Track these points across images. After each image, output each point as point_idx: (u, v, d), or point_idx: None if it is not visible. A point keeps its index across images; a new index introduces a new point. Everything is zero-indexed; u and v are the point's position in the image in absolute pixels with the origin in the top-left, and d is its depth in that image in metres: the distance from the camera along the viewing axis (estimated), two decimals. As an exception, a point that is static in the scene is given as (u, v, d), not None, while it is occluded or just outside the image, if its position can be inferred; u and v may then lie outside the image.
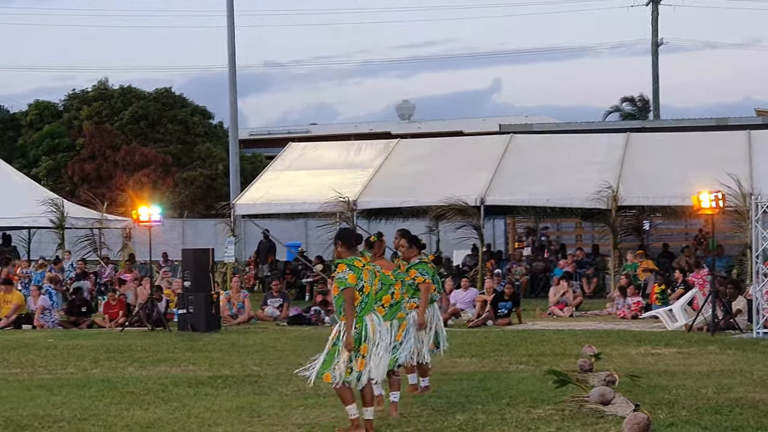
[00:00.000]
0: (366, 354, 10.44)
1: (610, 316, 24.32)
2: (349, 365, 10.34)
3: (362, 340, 10.43)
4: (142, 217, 23.95)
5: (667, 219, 34.72)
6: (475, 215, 29.58)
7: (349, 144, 36.98)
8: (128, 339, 20.92)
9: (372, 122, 77.06)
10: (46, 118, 59.65)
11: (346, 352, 10.33)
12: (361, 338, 10.43)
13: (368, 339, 10.47)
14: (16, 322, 24.20)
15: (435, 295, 12.97)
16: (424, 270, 12.68)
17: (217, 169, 56.01)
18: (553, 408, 11.77)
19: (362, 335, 10.44)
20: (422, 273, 12.64)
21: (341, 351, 10.37)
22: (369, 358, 10.45)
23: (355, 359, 10.38)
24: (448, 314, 23.03)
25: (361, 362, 10.41)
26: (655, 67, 55.61)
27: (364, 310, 10.49)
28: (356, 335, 10.42)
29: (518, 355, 17.01)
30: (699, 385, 13.33)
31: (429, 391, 12.82)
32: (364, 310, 10.49)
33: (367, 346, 10.44)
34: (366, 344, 10.44)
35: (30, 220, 33.31)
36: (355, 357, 10.39)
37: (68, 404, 12.71)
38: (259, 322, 24.49)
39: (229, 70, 40.62)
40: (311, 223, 38.92)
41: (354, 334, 10.38)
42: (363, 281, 10.48)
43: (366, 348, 10.43)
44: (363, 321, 10.47)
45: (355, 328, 10.40)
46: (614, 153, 31.17)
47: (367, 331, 10.47)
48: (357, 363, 10.39)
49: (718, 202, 21.19)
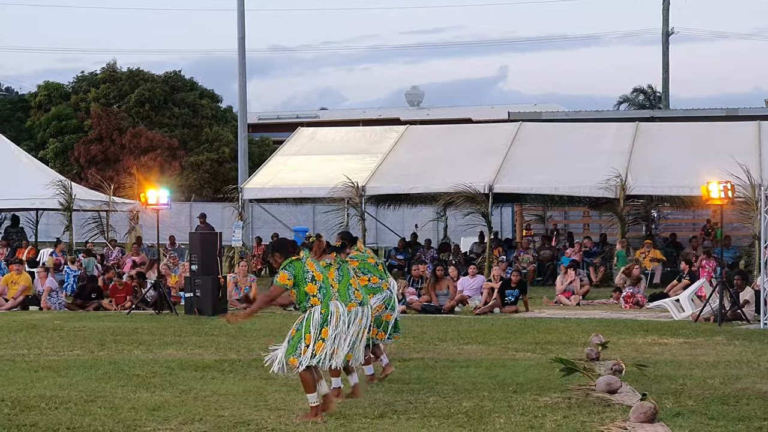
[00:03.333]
0: (326, 338, 10.60)
1: (617, 305, 24.29)
2: (309, 348, 10.55)
3: (325, 323, 10.60)
4: (150, 200, 23.97)
5: (675, 209, 34.66)
6: (484, 202, 29.55)
7: (358, 130, 36.97)
8: (135, 322, 20.93)
9: (381, 108, 77.05)
10: (55, 99, 59.66)
11: (309, 337, 10.55)
12: (325, 322, 10.60)
13: (329, 324, 10.62)
14: (23, 304, 24.25)
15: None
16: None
17: (223, 153, 55.98)
18: (559, 396, 11.77)
19: (326, 320, 10.61)
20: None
21: (304, 336, 10.57)
22: (328, 343, 10.61)
23: (315, 342, 10.56)
24: (455, 301, 23.05)
25: (320, 345, 10.57)
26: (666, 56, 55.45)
27: (327, 296, 10.69)
28: (321, 319, 10.60)
29: (525, 343, 17.00)
30: (706, 375, 13.31)
31: (374, 381, 12.83)
32: (326, 296, 10.69)
33: (328, 331, 10.60)
34: (327, 328, 10.60)
35: (38, 201, 33.31)
36: (316, 340, 10.57)
37: (75, 386, 12.72)
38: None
39: (239, 53, 40.53)
40: (319, 209, 38.90)
41: (319, 318, 10.60)
42: (310, 271, 10.71)
43: (326, 332, 10.60)
44: (328, 307, 10.66)
45: (320, 312, 10.61)
46: (623, 142, 31.13)
47: (331, 316, 10.63)
48: (316, 346, 10.57)
49: (727, 193, 21.14)
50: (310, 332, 10.60)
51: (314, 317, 10.61)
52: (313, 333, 10.59)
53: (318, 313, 10.62)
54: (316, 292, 10.67)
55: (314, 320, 10.60)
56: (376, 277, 13.20)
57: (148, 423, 10.50)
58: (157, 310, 22.75)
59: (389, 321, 13.20)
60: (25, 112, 60.82)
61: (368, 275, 13.06)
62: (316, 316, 10.61)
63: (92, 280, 25.17)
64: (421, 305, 22.87)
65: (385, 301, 13.15)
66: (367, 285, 12.79)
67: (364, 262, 13.18)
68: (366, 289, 12.59)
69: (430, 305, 22.88)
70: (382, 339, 13.15)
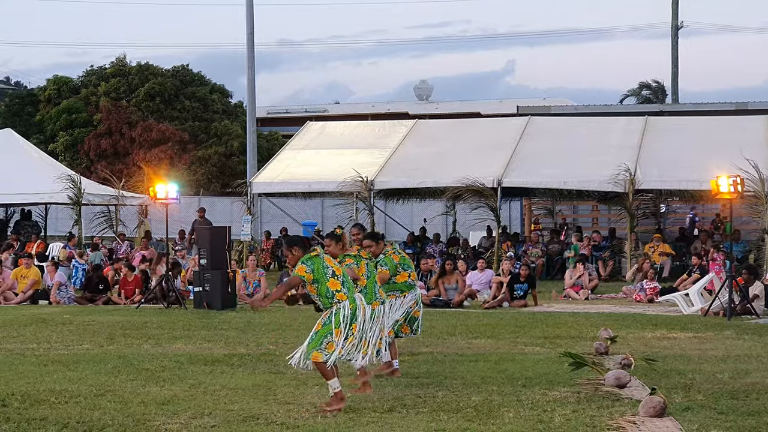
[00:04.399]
0: (355, 332, 10.65)
1: (626, 300, 24.27)
2: (338, 344, 10.56)
3: (354, 319, 10.65)
4: (159, 195, 24.01)
5: (684, 203, 34.61)
6: (492, 197, 29.52)
7: (366, 124, 36.94)
8: (144, 316, 20.97)
9: (390, 102, 77.01)
10: (65, 93, 59.72)
11: (338, 332, 10.56)
12: (354, 317, 10.65)
13: (357, 320, 10.67)
14: (32, 298, 24.30)
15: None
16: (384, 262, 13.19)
17: (233, 146, 56.01)
18: (568, 390, 11.76)
19: (355, 314, 10.67)
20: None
21: (333, 331, 10.58)
22: (356, 338, 10.66)
23: (345, 338, 10.59)
24: (464, 295, 23.06)
25: (350, 340, 10.64)
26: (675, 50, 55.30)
27: (351, 290, 10.75)
28: (351, 314, 10.64)
29: (534, 337, 16.99)
30: (715, 369, 13.29)
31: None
32: (350, 289, 10.75)
33: (356, 326, 10.66)
34: (355, 324, 10.66)
35: (47, 196, 33.39)
36: (346, 336, 10.60)
37: (84, 380, 12.74)
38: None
39: (248, 48, 40.55)
40: (327, 203, 38.92)
41: (348, 314, 10.62)
42: (330, 267, 10.73)
43: (355, 327, 10.66)
44: (355, 301, 10.70)
45: (349, 308, 10.63)
46: (632, 136, 31.10)
47: (358, 311, 10.69)
48: (346, 342, 10.61)
49: (737, 187, 21.09)
50: (339, 327, 10.60)
51: (344, 313, 10.61)
52: (343, 328, 10.59)
53: (347, 308, 10.61)
54: (339, 287, 10.68)
55: (344, 315, 10.60)
56: (414, 273, 13.42)
57: (157, 417, 10.51)
58: (167, 304, 22.79)
59: (417, 317, 13.36)
60: (35, 107, 60.88)
61: (408, 271, 13.22)
62: (345, 311, 10.61)
63: (97, 269, 25.20)
64: (430, 299, 22.86)
65: (416, 299, 13.35)
66: (407, 281, 13.12)
67: (403, 259, 13.32)
68: (405, 285, 12.90)
69: (438, 299, 22.88)
70: (406, 333, 13.31)
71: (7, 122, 54.24)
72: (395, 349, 13.10)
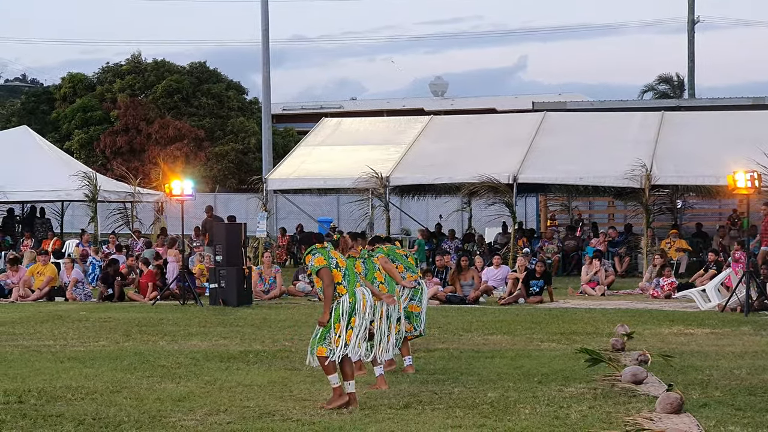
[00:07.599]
0: (354, 326, 10.66)
1: (643, 296, 24.20)
2: (340, 338, 10.59)
3: (353, 312, 10.67)
4: (175, 191, 24.03)
5: (701, 198, 34.47)
6: (508, 193, 29.43)
7: (382, 120, 36.91)
8: (160, 313, 21.00)
9: (405, 98, 77.01)
10: (80, 91, 59.87)
11: (339, 327, 10.58)
12: (354, 311, 10.67)
13: (357, 313, 10.68)
14: (49, 295, 24.36)
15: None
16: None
17: (249, 143, 56.06)
18: (585, 386, 11.74)
19: (354, 308, 10.67)
20: None
21: (333, 326, 10.60)
22: (356, 331, 10.67)
23: (345, 332, 10.61)
24: (479, 291, 23.03)
25: (350, 334, 10.64)
26: (691, 44, 55.03)
27: (352, 283, 10.74)
28: (350, 308, 10.64)
29: (550, 333, 16.96)
30: (732, 365, 13.24)
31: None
32: (351, 282, 10.73)
33: (356, 320, 10.68)
34: (355, 317, 10.68)
35: (63, 193, 33.47)
36: (346, 330, 10.62)
37: (100, 377, 12.77)
38: (290, 297, 24.53)
39: (263, 45, 40.58)
40: (343, 199, 38.91)
41: (348, 308, 10.62)
42: (334, 258, 10.74)
43: (354, 321, 10.67)
44: (355, 295, 10.70)
45: (348, 302, 10.64)
46: (648, 132, 30.96)
47: (358, 304, 10.70)
48: (347, 336, 10.61)
49: (754, 182, 20.99)
50: (339, 322, 10.60)
51: (343, 307, 10.62)
52: (343, 323, 10.60)
53: (346, 302, 10.63)
54: (341, 279, 10.68)
55: (343, 310, 10.61)
56: (402, 266, 13.26)
57: (173, 413, 10.52)
58: (182, 301, 22.82)
59: (417, 313, 13.31)
60: (50, 104, 61.05)
61: (397, 263, 13.18)
62: (344, 306, 10.62)
63: (112, 263, 25.18)
64: (446, 296, 22.86)
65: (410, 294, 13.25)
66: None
67: (392, 252, 13.28)
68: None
69: (454, 296, 22.87)
70: (410, 331, 13.24)
71: (22, 120, 54.38)
72: (407, 345, 13.07)
